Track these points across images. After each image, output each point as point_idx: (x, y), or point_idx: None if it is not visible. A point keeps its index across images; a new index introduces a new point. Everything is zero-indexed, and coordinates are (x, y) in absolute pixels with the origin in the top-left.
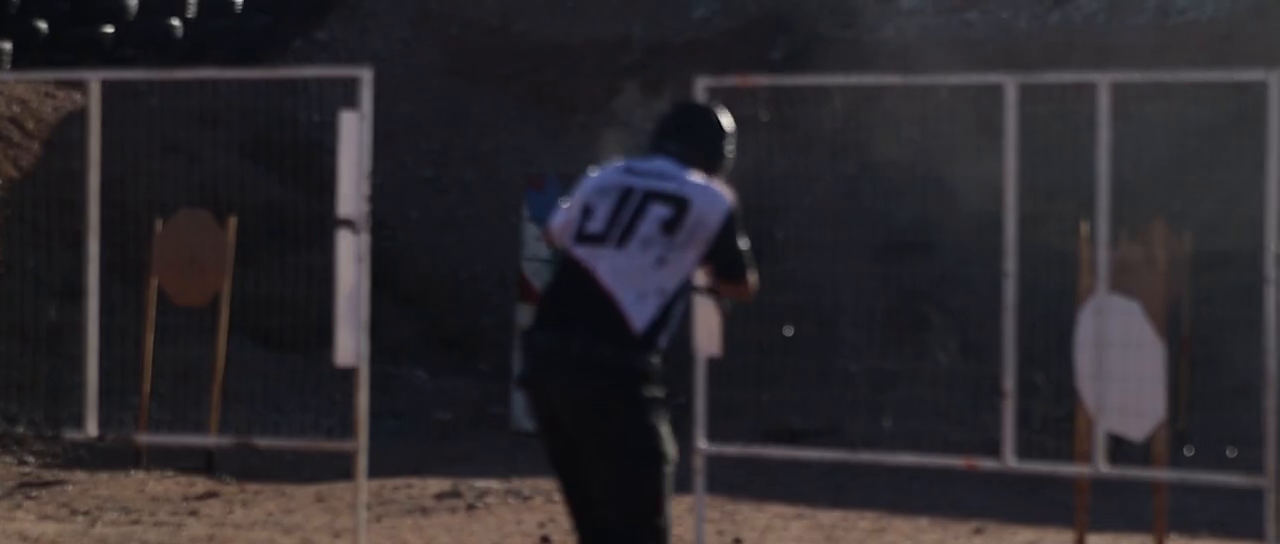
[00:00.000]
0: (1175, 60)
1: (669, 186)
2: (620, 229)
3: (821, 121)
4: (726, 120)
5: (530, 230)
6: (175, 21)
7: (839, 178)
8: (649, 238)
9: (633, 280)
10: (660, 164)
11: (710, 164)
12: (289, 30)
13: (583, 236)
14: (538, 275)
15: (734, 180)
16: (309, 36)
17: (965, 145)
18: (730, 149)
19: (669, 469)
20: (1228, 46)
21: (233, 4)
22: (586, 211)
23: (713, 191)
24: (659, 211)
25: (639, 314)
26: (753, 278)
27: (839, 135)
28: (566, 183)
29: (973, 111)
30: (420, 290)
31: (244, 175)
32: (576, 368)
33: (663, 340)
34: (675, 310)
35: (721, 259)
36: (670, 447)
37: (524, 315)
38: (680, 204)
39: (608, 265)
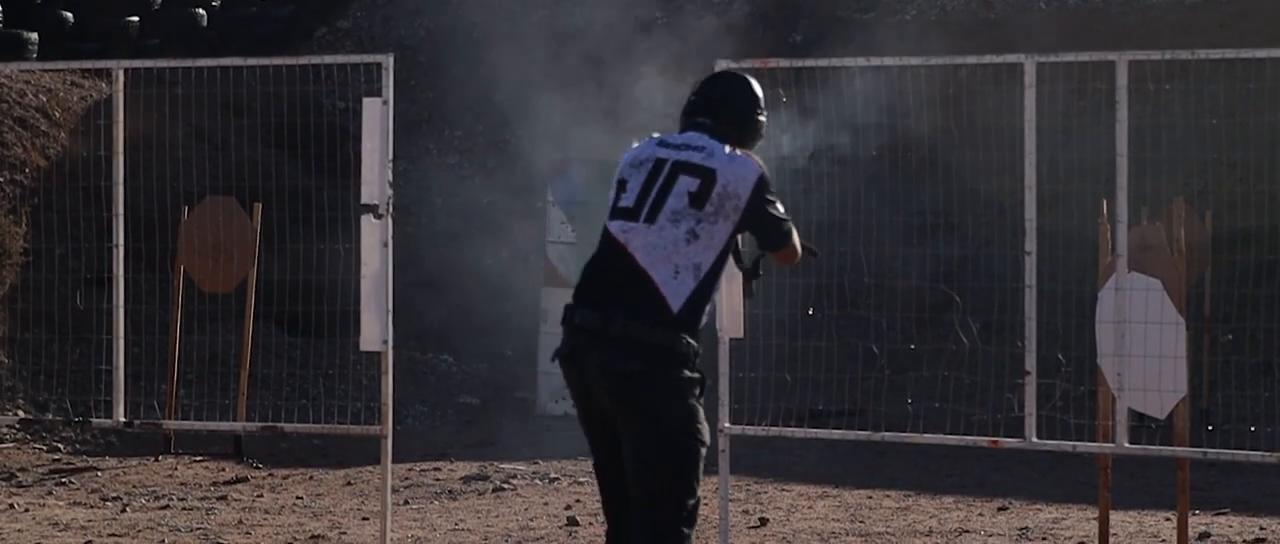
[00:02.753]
0: (1194, 40)
1: (696, 157)
2: (650, 202)
3: (842, 104)
4: (757, 89)
5: (554, 215)
6: (200, 10)
7: (860, 160)
8: (678, 211)
9: (666, 256)
10: (692, 136)
11: (742, 136)
12: (313, 19)
13: (617, 211)
14: (562, 260)
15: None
16: (333, 25)
17: (986, 126)
18: (763, 119)
19: (703, 451)
20: (1246, 25)
21: None
22: (621, 186)
23: (740, 160)
24: (687, 183)
25: (675, 293)
26: (796, 241)
27: (860, 117)
28: (588, 168)
29: (993, 92)
30: (445, 276)
31: (269, 162)
32: (616, 348)
33: (701, 319)
34: (711, 288)
35: (759, 229)
36: (706, 430)
37: (549, 299)
38: (707, 175)
39: (640, 241)
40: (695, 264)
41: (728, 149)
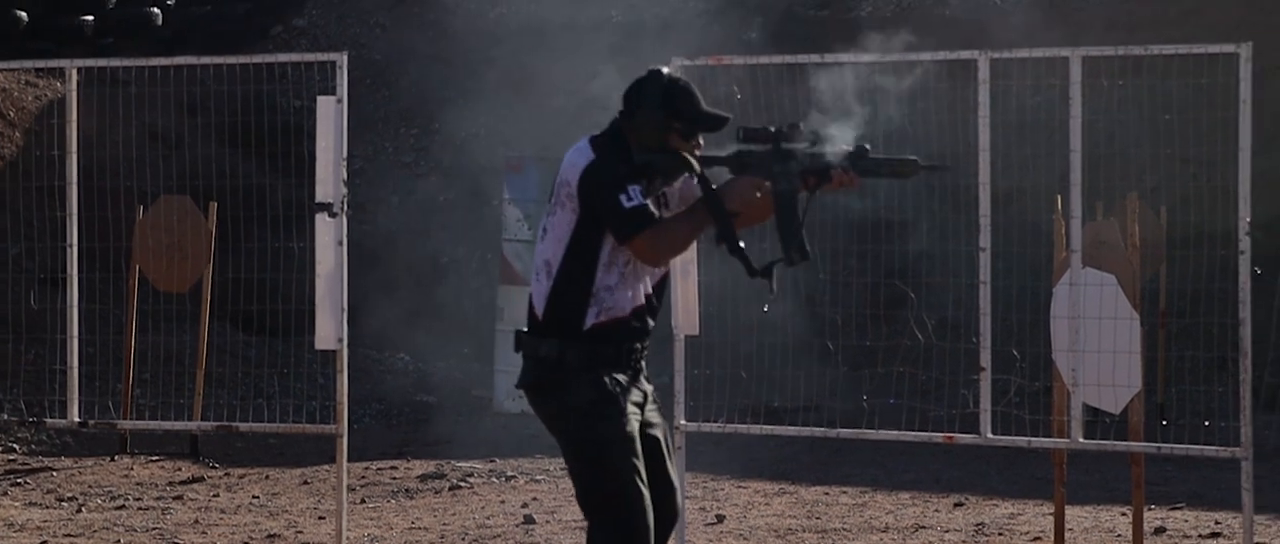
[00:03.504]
0: (1148, 35)
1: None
2: None
3: (797, 101)
4: (656, 84)
5: (510, 213)
6: (155, 9)
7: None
8: (545, 213)
9: (534, 261)
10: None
11: (641, 131)
12: (268, 17)
13: None
14: (518, 257)
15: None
16: (288, 23)
17: (941, 122)
18: (659, 113)
19: (612, 451)
20: (1198, 20)
21: None
22: None
23: (579, 149)
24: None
25: (539, 296)
26: (640, 238)
27: (814, 114)
28: (545, 166)
29: (948, 88)
30: (402, 274)
31: (224, 161)
32: (522, 365)
33: (584, 319)
34: (580, 283)
35: (604, 218)
36: (610, 427)
37: (505, 298)
38: (557, 169)
39: None
40: (545, 261)
41: (587, 139)
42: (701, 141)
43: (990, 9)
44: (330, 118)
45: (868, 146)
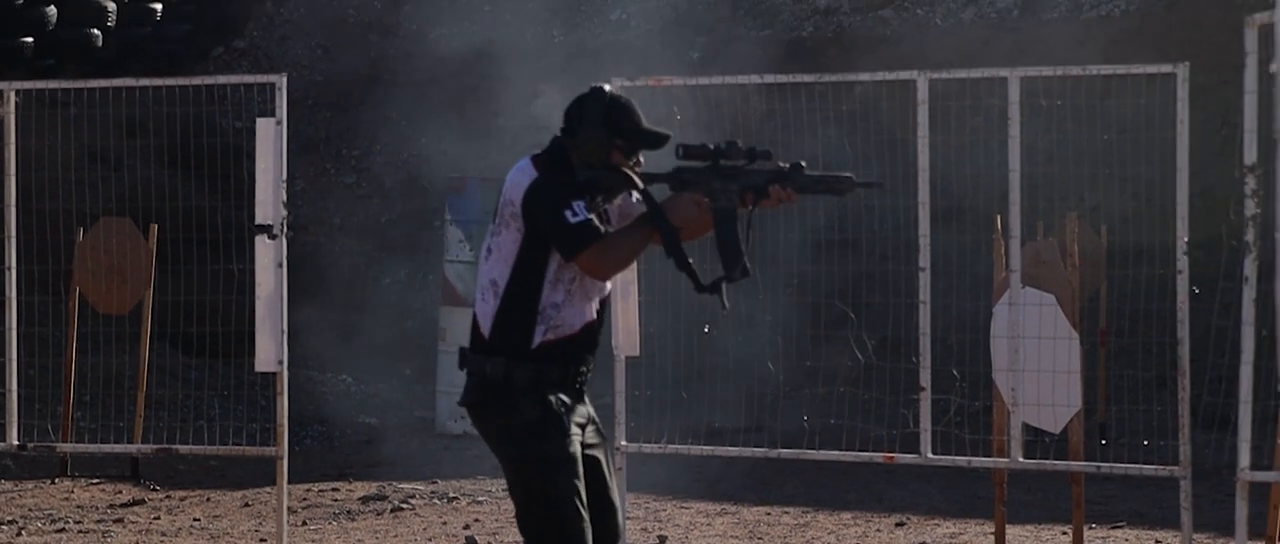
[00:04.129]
0: (1089, 55)
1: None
2: None
3: (738, 121)
4: (596, 103)
5: (452, 233)
6: (95, 31)
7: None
8: (488, 232)
9: (478, 280)
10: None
11: (581, 148)
12: (210, 38)
13: None
14: (460, 278)
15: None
16: (229, 45)
17: (882, 142)
18: (600, 130)
19: (554, 472)
20: (1140, 40)
21: (153, 13)
22: None
23: (521, 168)
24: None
25: (484, 315)
26: (586, 254)
27: (757, 134)
28: (487, 187)
29: (888, 108)
30: (344, 295)
31: (165, 183)
32: (465, 384)
33: (532, 337)
34: (526, 302)
35: (549, 237)
36: (554, 447)
37: (447, 318)
38: (500, 189)
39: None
40: (491, 281)
41: (530, 158)
42: (642, 159)
43: (932, 30)
44: (269, 139)
45: (804, 163)
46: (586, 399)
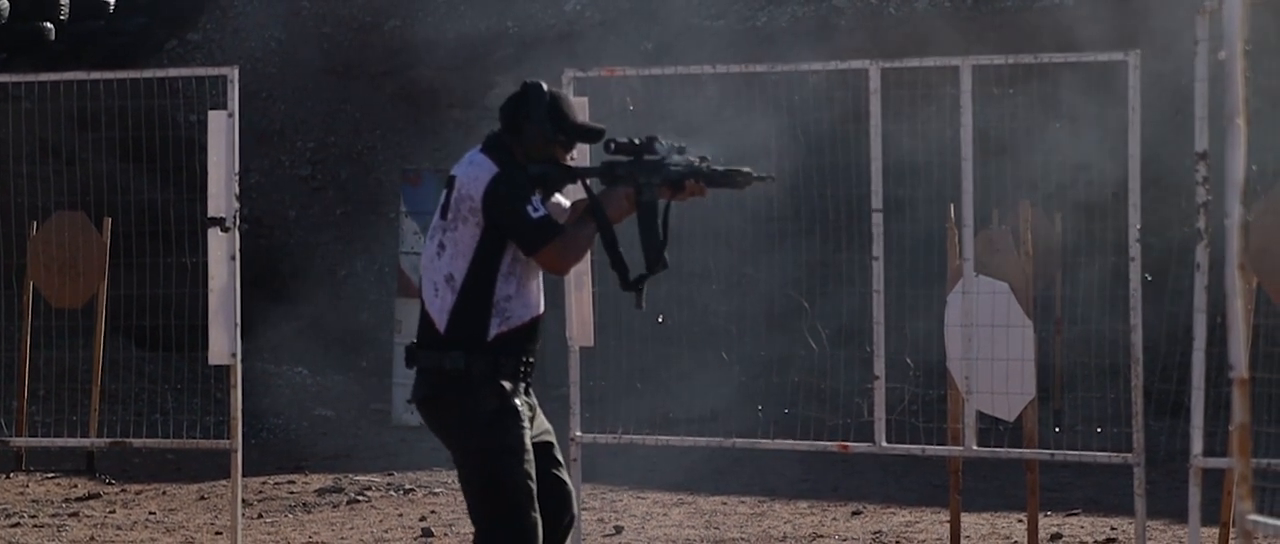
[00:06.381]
0: (1043, 43)
1: (454, 168)
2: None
3: (691, 112)
4: (536, 95)
5: (407, 226)
6: (47, 24)
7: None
8: (434, 227)
9: (428, 275)
10: (470, 152)
11: (522, 141)
12: (163, 31)
13: None
14: (415, 270)
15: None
16: (183, 38)
17: (835, 132)
18: (539, 124)
19: (510, 461)
20: (1093, 28)
21: (106, 6)
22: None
23: (478, 162)
24: (442, 197)
25: (439, 311)
26: (548, 248)
27: (708, 126)
28: (442, 179)
29: (842, 98)
30: (299, 288)
31: (118, 177)
32: (416, 377)
33: (487, 331)
34: (482, 297)
35: (508, 232)
36: (511, 437)
37: (403, 310)
38: (449, 183)
39: (423, 265)
40: (447, 276)
41: (481, 152)
42: (575, 154)
43: (884, 18)
44: (222, 132)
45: (707, 157)
46: (531, 390)
